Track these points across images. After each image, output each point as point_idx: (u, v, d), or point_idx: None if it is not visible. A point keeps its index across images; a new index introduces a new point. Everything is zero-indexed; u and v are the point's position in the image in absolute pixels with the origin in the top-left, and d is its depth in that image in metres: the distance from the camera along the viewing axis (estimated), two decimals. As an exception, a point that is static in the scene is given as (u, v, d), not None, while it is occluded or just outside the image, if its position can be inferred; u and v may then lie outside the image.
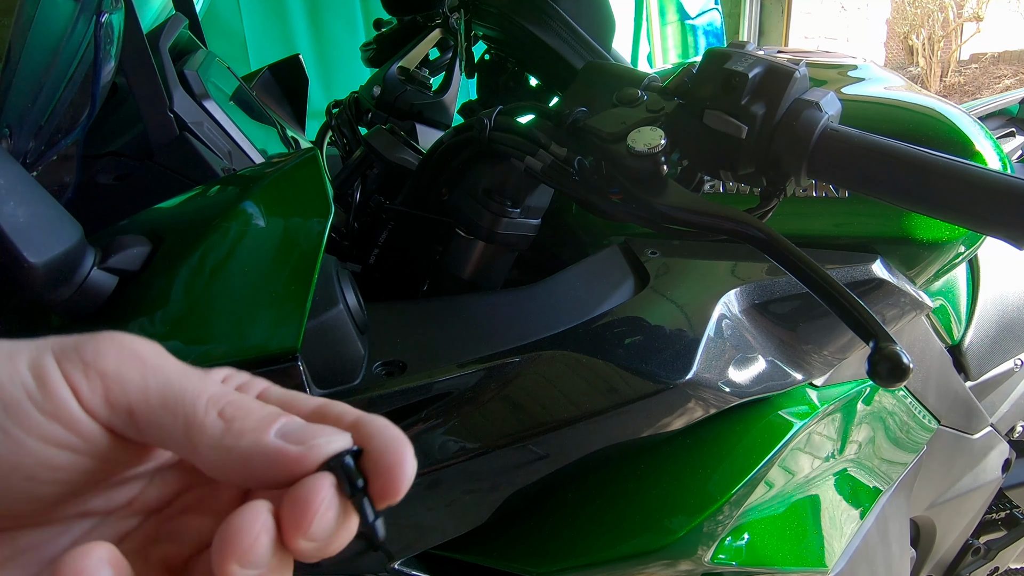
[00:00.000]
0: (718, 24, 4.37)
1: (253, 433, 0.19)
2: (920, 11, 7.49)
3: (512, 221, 0.60)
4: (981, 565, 1.18)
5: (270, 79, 1.13)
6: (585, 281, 0.58)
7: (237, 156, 0.71)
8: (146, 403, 0.19)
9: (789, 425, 0.60)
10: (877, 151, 0.40)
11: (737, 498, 0.56)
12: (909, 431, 0.83)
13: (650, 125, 0.47)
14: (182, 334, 0.41)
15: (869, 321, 0.36)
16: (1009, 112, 1.53)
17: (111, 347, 0.19)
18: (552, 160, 0.51)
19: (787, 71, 0.43)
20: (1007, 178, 0.36)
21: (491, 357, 0.50)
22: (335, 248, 0.70)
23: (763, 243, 0.42)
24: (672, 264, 0.59)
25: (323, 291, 0.45)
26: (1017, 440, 1.16)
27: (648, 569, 0.55)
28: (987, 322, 0.99)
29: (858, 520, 0.69)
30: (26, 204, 0.37)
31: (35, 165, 0.46)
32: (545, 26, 0.74)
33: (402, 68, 0.99)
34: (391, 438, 0.20)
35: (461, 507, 0.53)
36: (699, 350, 0.53)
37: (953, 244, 0.60)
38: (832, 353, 0.64)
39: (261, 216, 0.46)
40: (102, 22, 0.48)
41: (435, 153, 0.62)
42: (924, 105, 0.60)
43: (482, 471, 0.52)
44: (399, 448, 0.20)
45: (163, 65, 0.68)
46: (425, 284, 0.65)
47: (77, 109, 0.49)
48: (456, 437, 0.50)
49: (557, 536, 0.55)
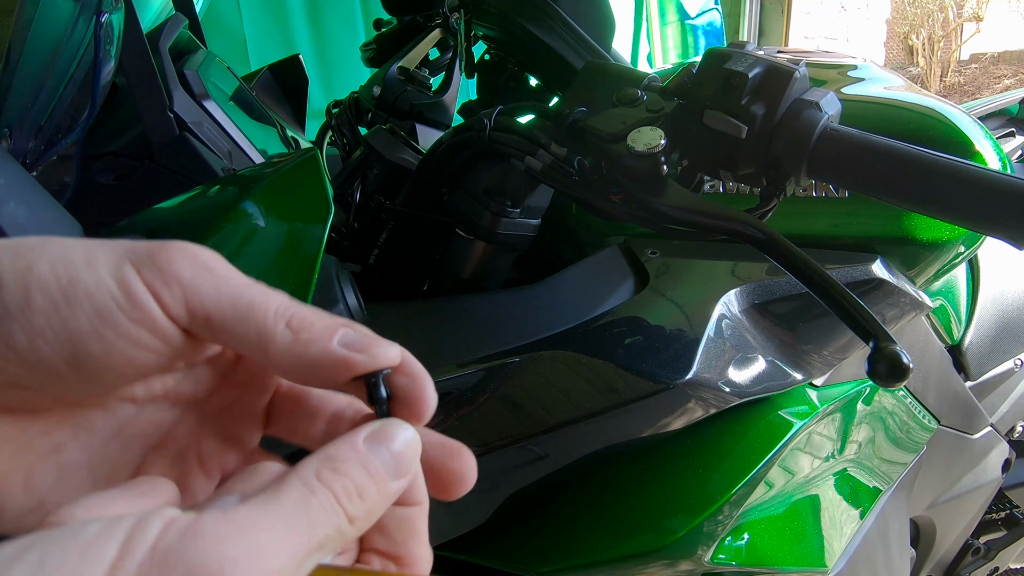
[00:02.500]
0: (718, 24, 4.37)
1: (320, 342, 0.21)
2: (920, 11, 7.49)
3: (512, 221, 0.60)
4: (981, 565, 1.18)
5: (270, 79, 1.13)
6: (585, 281, 0.58)
7: (237, 156, 0.70)
8: (220, 311, 0.21)
9: (789, 425, 0.60)
10: (877, 151, 0.40)
11: (737, 498, 0.56)
12: (909, 431, 0.83)
13: (650, 125, 0.47)
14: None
15: (869, 321, 0.36)
16: (1009, 112, 1.53)
17: (184, 257, 0.20)
18: (552, 160, 0.51)
19: (787, 71, 0.43)
20: (1007, 178, 0.36)
21: (491, 357, 0.50)
22: (335, 248, 0.70)
23: (763, 243, 0.42)
24: (672, 264, 0.59)
25: (323, 291, 0.45)
26: (1017, 440, 1.16)
27: (648, 569, 0.55)
28: (987, 322, 0.99)
29: (858, 520, 0.69)
30: (26, 204, 0.37)
31: (35, 165, 0.46)
32: (545, 26, 0.74)
33: (402, 68, 0.99)
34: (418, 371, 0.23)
35: (461, 507, 0.53)
36: (699, 350, 0.53)
37: (953, 244, 0.60)
38: (832, 353, 0.64)
39: (261, 216, 0.46)
40: (102, 22, 0.48)
41: (435, 153, 0.62)
42: (924, 105, 0.60)
43: (482, 471, 0.51)
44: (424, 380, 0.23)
45: (163, 65, 0.68)
46: (425, 284, 0.65)
47: (77, 109, 0.49)
48: (456, 437, 0.49)
49: (557, 536, 0.55)
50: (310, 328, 0.21)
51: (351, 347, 0.21)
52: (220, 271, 0.21)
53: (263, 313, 0.21)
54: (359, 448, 0.20)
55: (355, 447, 0.20)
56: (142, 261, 0.20)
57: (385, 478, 0.20)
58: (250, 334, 0.21)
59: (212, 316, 0.21)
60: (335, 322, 0.22)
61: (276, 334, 0.21)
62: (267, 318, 0.21)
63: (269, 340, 0.21)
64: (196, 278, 0.20)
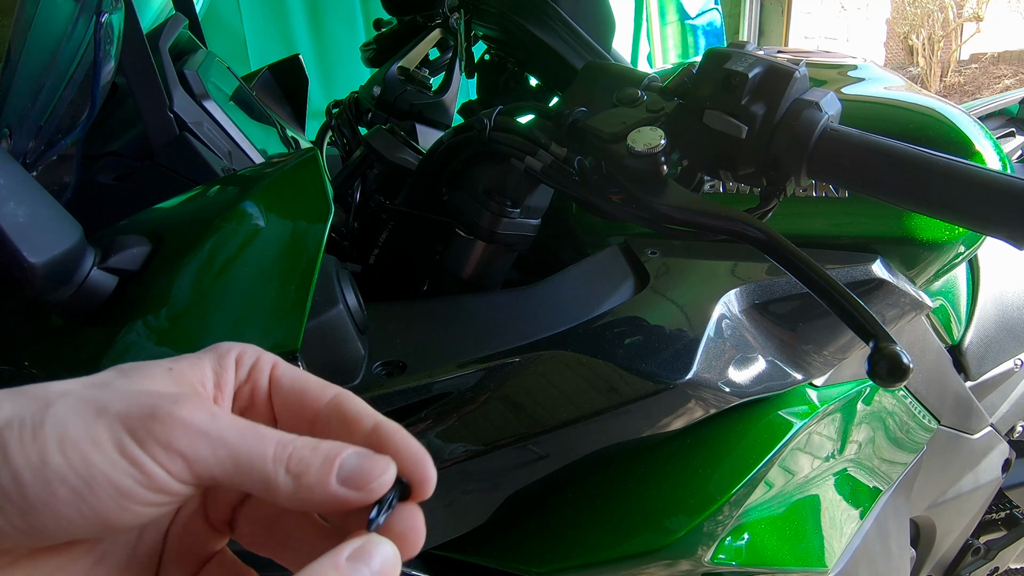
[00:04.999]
0: (718, 24, 4.37)
1: (319, 486, 0.22)
2: (920, 11, 7.49)
3: (512, 221, 0.60)
4: (981, 565, 1.18)
5: (270, 79, 1.13)
6: (585, 281, 0.58)
7: (237, 156, 0.71)
8: (224, 471, 0.22)
9: (789, 425, 0.60)
10: (877, 151, 0.40)
11: (737, 498, 0.56)
12: (909, 431, 0.83)
13: (650, 125, 0.47)
14: (182, 334, 0.41)
15: (869, 321, 0.36)
16: (1009, 112, 1.53)
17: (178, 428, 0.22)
18: (552, 160, 0.51)
19: (787, 71, 0.43)
20: (1007, 178, 0.36)
21: (491, 357, 0.50)
22: (335, 248, 0.70)
23: (763, 243, 0.42)
24: (672, 264, 0.59)
25: (323, 291, 0.45)
26: (1017, 440, 1.16)
27: (648, 569, 0.55)
28: (987, 322, 0.99)
29: (858, 520, 0.69)
30: (26, 204, 0.37)
31: (35, 165, 0.46)
32: (545, 26, 0.74)
33: (402, 68, 0.99)
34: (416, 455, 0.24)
35: (461, 507, 0.53)
36: (699, 350, 0.53)
37: (953, 244, 0.60)
38: (832, 353, 0.64)
39: (261, 216, 0.46)
40: (102, 22, 0.48)
41: (435, 153, 0.62)
42: (924, 105, 0.60)
43: (482, 471, 0.52)
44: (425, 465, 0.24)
45: (163, 65, 0.68)
46: (425, 284, 0.65)
47: (77, 109, 0.48)
48: (456, 437, 0.50)
49: (557, 536, 0.55)
50: (308, 470, 0.22)
51: (349, 484, 0.23)
52: (214, 432, 0.22)
53: (262, 465, 0.22)
54: (341, 567, 0.21)
55: (337, 566, 0.21)
56: (141, 436, 0.21)
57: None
58: (256, 486, 0.22)
59: (217, 477, 0.22)
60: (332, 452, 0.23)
61: (279, 484, 0.22)
62: (267, 469, 0.22)
63: (274, 488, 0.22)
64: (193, 446, 0.22)
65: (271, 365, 0.26)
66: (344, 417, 0.25)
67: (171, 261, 0.43)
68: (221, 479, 0.22)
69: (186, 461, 0.21)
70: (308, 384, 0.26)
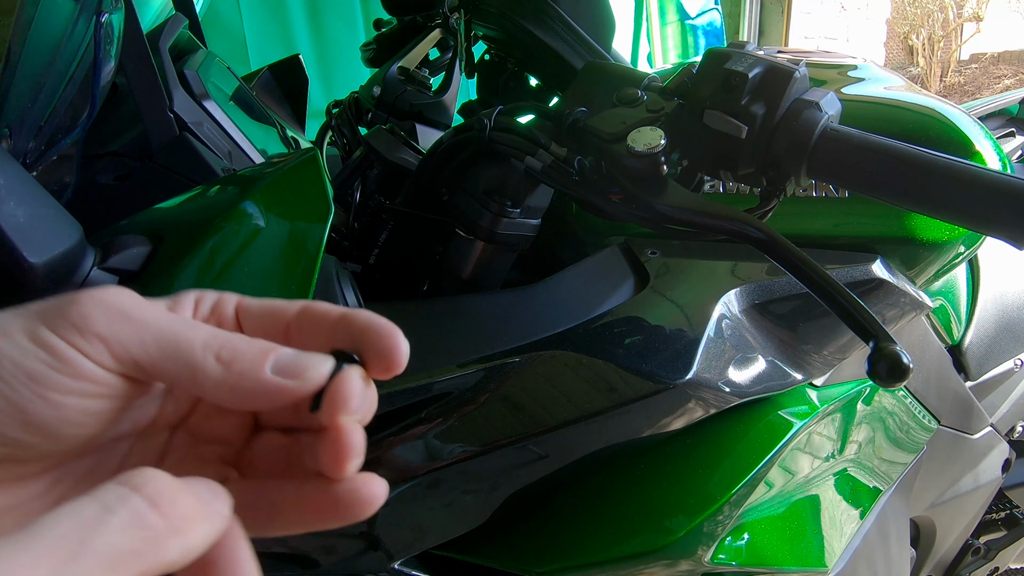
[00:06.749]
0: (718, 24, 4.37)
1: (251, 372, 0.21)
2: (920, 11, 7.49)
3: (512, 221, 0.60)
4: (981, 565, 1.18)
5: (270, 79, 1.13)
6: (585, 281, 0.58)
7: (237, 156, 0.71)
8: (146, 354, 0.21)
9: (789, 425, 0.60)
10: (877, 151, 0.40)
11: (737, 498, 0.56)
12: (909, 431, 0.83)
13: (650, 125, 0.47)
14: (182, 334, 0.41)
15: (869, 321, 0.36)
16: (1009, 112, 1.53)
17: (96, 308, 0.21)
18: (552, 160, 0.51)
19: (787, 71, 0.43)
20: (1007, 178, 0.36)
21: (491, 357, 0.50)
22: (335, 248, 0.70)
23: (763, 243, 0.42)
24: (672, 264, 0.59)
25: (323, 291, 0.45)
26: (1017, 440, 1.16)
27: (648, 569, 0.55)
28: (987, 322, 0.99)
29: (858, 520, 0.69)
30: (26, 204, 0.37)
31: (35, 165, 0.46)
32: (545, 26, 0.74)
33: (402, 68, 0.99)
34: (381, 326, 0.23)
35: (461, 507, 0.53)
36: (699, 350, 0.53)
37: (953, 244, 0.60)
38: (832, 353, 0.64)
39: (261, 216, 0.46)
40: (102, 22, 0.48)
41: (435, 153, 0.62)
42: (924, 105, 0.60)
43: (482, 471, 0.52)
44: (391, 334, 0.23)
45: (163, 65, 0.68)
46: (425, 284, 0.65)
47: (77, 109, 0.49)
48: (456, 437, 0.50)
49: (557, 536, 0.55)
50: (240, 358, 0.21)
51: (284, 373, 0.22)
52: (137, 314, 0.21)
53: (189, 349, 0.21)
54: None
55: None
56: (54, 321, 0.20)
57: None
58: (182, 372, 0.21)
59: (139, 360, 0.21)
60: (264, 347, 0.22)
61: (207, 369, 0.21)
62: (195, 354, 0.21)
63: (202, 375, 0.21)
64: (112, 327, 0.21)
65: (235, 301, 0.25)
66: (312, 317, 0.24)
67: (171, 261, 0.43)
68: (145, 365, 0.21)
69: (105, 343, 0.20)
70: (275, 303, 0.25)
